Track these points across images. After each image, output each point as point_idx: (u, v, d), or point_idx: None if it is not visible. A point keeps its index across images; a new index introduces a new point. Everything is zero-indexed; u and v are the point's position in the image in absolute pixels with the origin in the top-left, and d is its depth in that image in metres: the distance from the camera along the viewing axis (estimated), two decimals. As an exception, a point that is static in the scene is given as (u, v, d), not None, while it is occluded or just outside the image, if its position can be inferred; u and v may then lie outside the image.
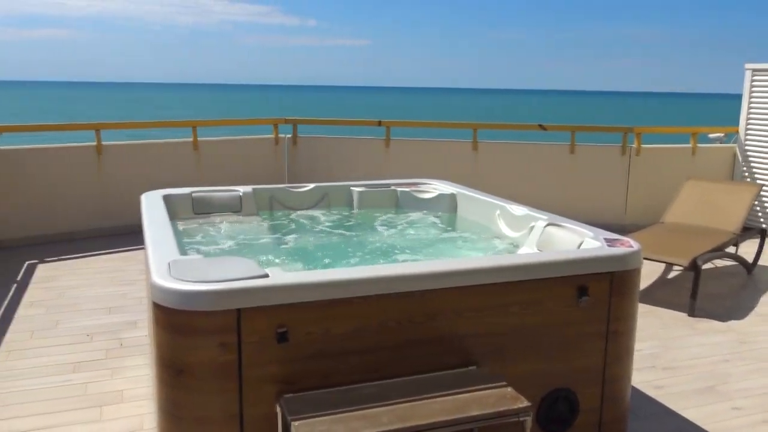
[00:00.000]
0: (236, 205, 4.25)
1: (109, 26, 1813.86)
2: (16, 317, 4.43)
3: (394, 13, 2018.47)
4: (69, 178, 6.48)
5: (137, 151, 6.88)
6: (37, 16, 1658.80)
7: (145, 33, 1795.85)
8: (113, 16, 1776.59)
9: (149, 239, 2.95)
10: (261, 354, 2.33)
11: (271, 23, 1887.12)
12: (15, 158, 6.22)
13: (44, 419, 3.12)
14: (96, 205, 6.62)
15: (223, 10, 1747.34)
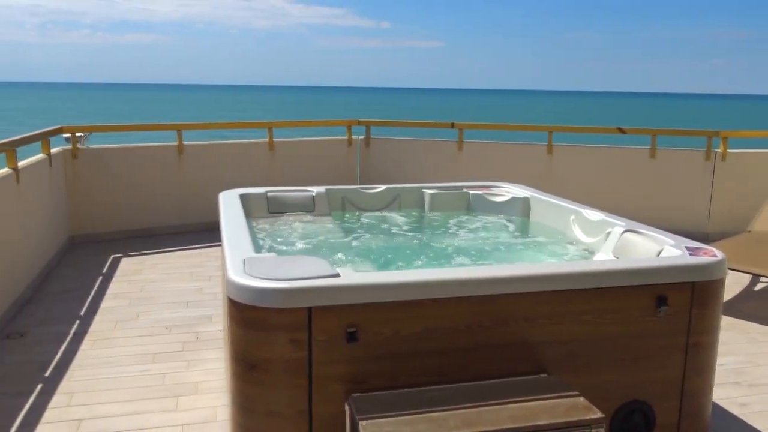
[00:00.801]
0: (309, 205, 4.32)
1: (190, 31, 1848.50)
2: (101, 308, 4.66)
3: (467, 14, 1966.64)
4: (152, 177, 6.75)
5: (216, 151, 7.10)
6: (126, 22, 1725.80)
7: (224, 37, 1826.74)
8: (195, 20, 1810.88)
9: (226, 237, 3.04)
10: (330, 352, 2.36)
11: (346, 25, 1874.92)
12: (103, 157, 6.54)
13: (125, 406, 3.27)
14: (176, 202, 6.87)
15: (299, 14, 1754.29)
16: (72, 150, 6.34)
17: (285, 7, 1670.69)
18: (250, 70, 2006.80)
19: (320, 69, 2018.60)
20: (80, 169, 6.40)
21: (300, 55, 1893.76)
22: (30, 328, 4.29)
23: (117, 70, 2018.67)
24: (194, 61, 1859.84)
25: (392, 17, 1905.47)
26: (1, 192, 4.51)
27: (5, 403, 3.28)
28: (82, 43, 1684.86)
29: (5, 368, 3.69)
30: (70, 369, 3.68)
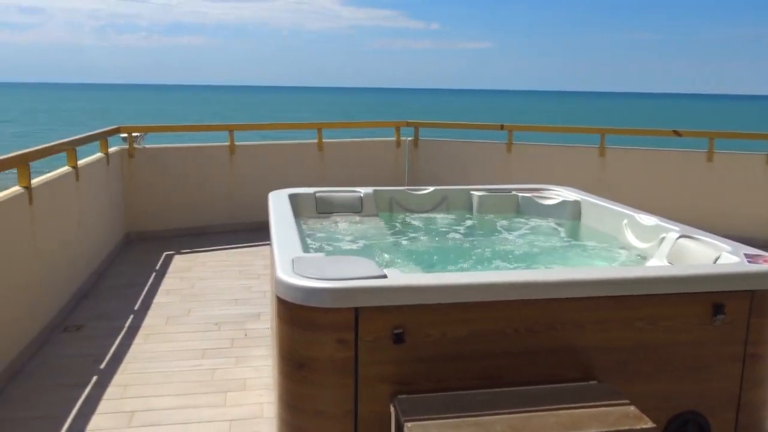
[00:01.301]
0: (357, 206, 4.34)
1: (242, 33, 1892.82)
2: (154, 304, 4.78)
3: (517, 15, 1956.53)
4: (204, 176, 6.90)
5: (266, 152, 7.20)
6: (180, 25, 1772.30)
7: (275, 39, 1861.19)
8: (246, 23, 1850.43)
9: (275, 236, 3.08)
10: (377, 353, 2.36)
11: (396, 27, 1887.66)
12: (158, 156, 6.71)
13: (176, 400, 3.34)
14: (227, 201, 7.00)
15: (350, 15, 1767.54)
16: (128, 149, 6.52)
17: (336, 9, 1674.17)
18: (300, 71, 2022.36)
19: (370, 71, 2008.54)
20: (136, 168, 6.59)
21: (350, 57, 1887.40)
22: (87, 321, 4.43)
23: (171, 72, 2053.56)
24: (246, 62, 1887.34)
25: (442, 19, 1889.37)
26: (62, 189, 4.67)
27: (63, 394, 3.39)
28: (138, 46, 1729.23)
29: (64, 360, 3.83)
30: (124, 362, 3.79)
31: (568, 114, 69.99)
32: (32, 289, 4.01)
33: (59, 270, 4.50)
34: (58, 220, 4.56)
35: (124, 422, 3.12)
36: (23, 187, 3.94)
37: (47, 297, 4.24)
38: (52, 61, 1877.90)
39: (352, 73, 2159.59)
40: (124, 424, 3.11)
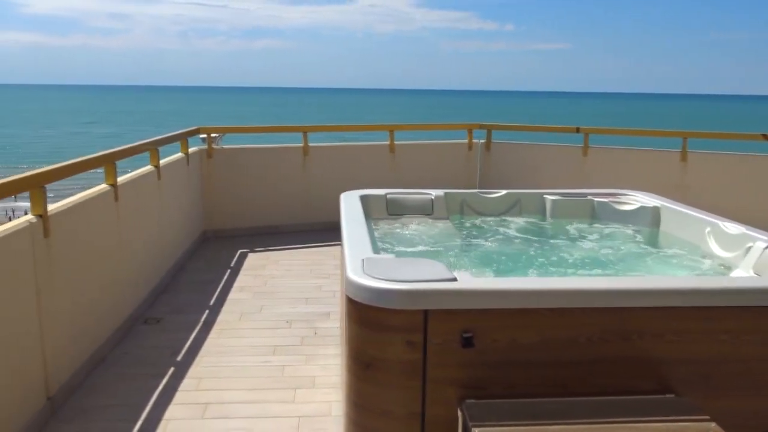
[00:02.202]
0: (428, 208, 4.33)
1: (317, 36, 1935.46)
2: (229, 300, 4.92)
3: (596, 15, 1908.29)
4: (278, 176, 7.05)
5: (339, 153, 7.29)
6: (257, 29, 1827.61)
7: (348, 41, 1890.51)
8: (321, 26, 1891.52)
9: (346, 236, 3.11)
10: (445, 356, 2.35)
11: (469, 29, 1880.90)
12: (234, 157, 6.90)
13: (248, 394, 3.43)
14: (300, 201, 7.12)
15: (423, 18, 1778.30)
16: (207, 150, 6.74)
17: (409, 12, 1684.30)
18: (373, 73, 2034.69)
19: (443, 72, 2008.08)
20: (214, 168, 6.80)
21: (423, 59, 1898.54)
22: (165, 315, 4.60)
23: (248, 75, 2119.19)
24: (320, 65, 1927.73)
25: (517, 20, 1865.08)
26: (145, 188, 4.88)
27: (143, 384, 3.54)
28: (217, 50, 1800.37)
29: (143, 351, 3.99)
30: (199, 355, 3.91)
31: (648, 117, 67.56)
32: (116, 282, 4.20)
33: (141, 265, 4.70)
34: (141, 217, 4.76)
35: (198, 413, 3.22)
36: (110, 185, 4.14)
37: (129, 290, 4.43)
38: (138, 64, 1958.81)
39: (425, 76, 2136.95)
40: (198, 415, 3.21)
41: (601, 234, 4.11)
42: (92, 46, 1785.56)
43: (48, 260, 3.22)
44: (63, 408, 3.28)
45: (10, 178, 3.02)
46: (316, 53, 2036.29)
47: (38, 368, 3.12)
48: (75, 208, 3.57)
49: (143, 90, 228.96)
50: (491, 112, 72.71)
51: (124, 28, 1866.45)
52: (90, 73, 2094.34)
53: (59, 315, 3.34)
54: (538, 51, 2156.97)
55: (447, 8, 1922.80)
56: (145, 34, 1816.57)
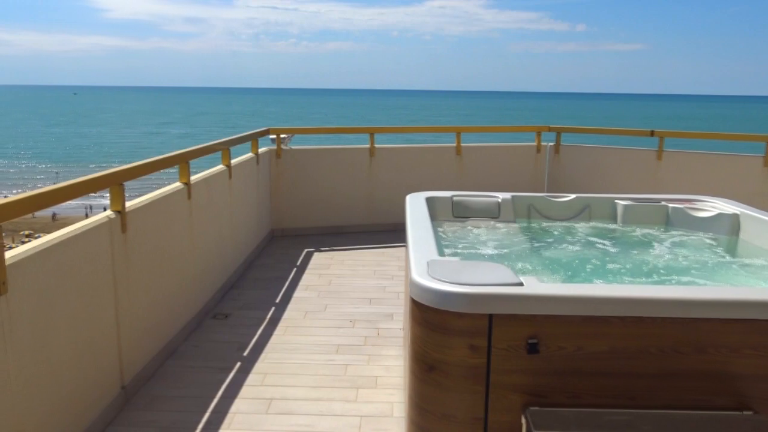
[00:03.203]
0: (494, 211, 4.28)
1: (386, 38, 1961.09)
2: (294, 298, 5.00)
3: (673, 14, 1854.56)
4: (345, 177, 7.12)
5: (405, 154, 7.31)
6: (327, 31, 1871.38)
7: (417, 43, 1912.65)
8: (390, 28, 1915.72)
9: (411, 238, 3.11)
10: (509, 362, 2.31)
11: (540, 30, 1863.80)
12: (302, 157, 7.02)
13: (311, 392, 3.47)
14: (365, 202, 7.18)
15: (493, 18, 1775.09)
16: (276, 150, 6.88)
17: (478, 13, 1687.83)
18: (442, 75, 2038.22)
19: (512, 74, 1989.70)
20: (282, 168, 6.93)
21: (492, 60, 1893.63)
22: (233, 310, 4.73)
23: (318, 77, 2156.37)
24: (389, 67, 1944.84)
25: (589, 20, 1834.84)
26: (217, 186, 5.02)
27: (211, 377, 3.64)
28: (288, 52, 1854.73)
29: (212, 345, 4.11)
30: (265, 351, 4.00)
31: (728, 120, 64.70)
32: (188, 277, 4.34)
33: (211, 261, 4.84)
34: (212, 215, 4.90)
35: (262, 408, 3.29)
36: (183, 183, 4.28)
37: (200, 286, 4.57)
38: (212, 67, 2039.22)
39: (494, 77, 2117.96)
40: (263, 410, 3.28)
41: (675, 241, 3.96)
42: (168, 49, 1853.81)
43: (125, 254, 3.35)
44: (136, 397, 3.41)
45: (93, 176, 3.16)
46: (385, 55, 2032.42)
47: (114, 358, 3.26)
48: (151, 206, 3.71)
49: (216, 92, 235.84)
50: (561, 114, 71.31)
51: (199, 31, 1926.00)
52: (166, 75, 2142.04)
53: (134, 307, 3.47)
54: (611, 52, 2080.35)
55: (517, 9, 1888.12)
56: (218, 38, 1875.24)
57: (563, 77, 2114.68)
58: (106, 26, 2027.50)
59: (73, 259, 2.88)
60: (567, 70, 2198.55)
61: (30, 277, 2.53)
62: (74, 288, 2.88)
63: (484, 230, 4.08)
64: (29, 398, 2.53)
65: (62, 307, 2.78)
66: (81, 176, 3.13)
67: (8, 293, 2.35)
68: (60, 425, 2.76)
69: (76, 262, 2.90)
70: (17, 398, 2.45)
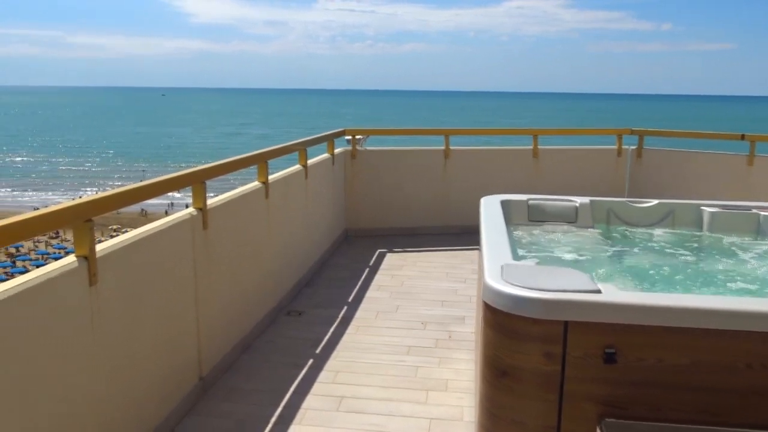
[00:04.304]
0: (571, 216, 4.18)
1: (461, 39, 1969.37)
2: (366, 297, 5.04)
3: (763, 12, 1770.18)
4: (419, 179, 7.12)
5: (480, 157, 7.24)
6: (403, 33, 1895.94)
7: (493, 44, 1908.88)
8: (466, 29, 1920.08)
9: (485, 241, 3.07)
10: (585, 371, 2.25)
11: (621, 29, 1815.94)
12: (377, 158, 7.07)
13: (381, 391, 3.49)
14: (439, 204, 7.15)
15: (572, 18, 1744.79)
16: (351, 151, 6.96)
17: (557, 12, 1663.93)
18: (518, 76, 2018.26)
19: (591, 75, 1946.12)
20: (357, 169, 7.00)
21: (570, 61, 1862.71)
22: (307, 308, 4.81)
23: (393, 78, 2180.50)
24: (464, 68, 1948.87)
25: (675, 19, 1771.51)
26: (293, 186, 5.13)
27: (284, 372, 3.72)
28: (363, 54, 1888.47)
29: (286, 341, 4.20)
30: (337, 349, 4.05)
31: (826, 124, 60.76)
32: (264, 274, 4.45)
33: (287, 259, 4.95)
34: (289, 214, 5.01)
35: (333, 406, 3.33)
36: (261, 183, 4.39)
37: (275, 283, 4.68)
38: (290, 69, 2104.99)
39: (572, 78, 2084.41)
40: (334, 407, 3.32)
41: (765, 252, 3.75)
42: (249, 52, 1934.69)
43: (205, 250, 3.47)
44: (213, 388, 3.52)
45: (176, 174, 3.29)
46: (460, 56, 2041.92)
47: (193, 349, 3.38)
48: (230, 204, 3.83)
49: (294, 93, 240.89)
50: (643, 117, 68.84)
51: (278, 34, 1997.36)
52: (246, 77, 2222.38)
53: (213, 301, 3.59)
54: (698, 52, 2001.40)
55: (599, 8, 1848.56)
56: (297, 40, 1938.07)
57: (645, 78, 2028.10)
58: (192, 30, 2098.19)
59: (158, 253, 3.00)
60: (649, 70, 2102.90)
61: (118, 269, 2.65)
62: (158, 281, 3.01)
63: (561, 235, 3.99)
64: (115, 386, 2.65)
65: (147, 298, 2.90)
66: (165, 174, 3.27)
67: (98, 284, 2.48)
68: (142, 413, 2.88)
69: (160, 257, 3.03)
70: (104, 386, 2.58)
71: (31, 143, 79.43)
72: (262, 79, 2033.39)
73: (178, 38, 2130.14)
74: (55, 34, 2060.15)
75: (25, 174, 58.19)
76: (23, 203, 44.41)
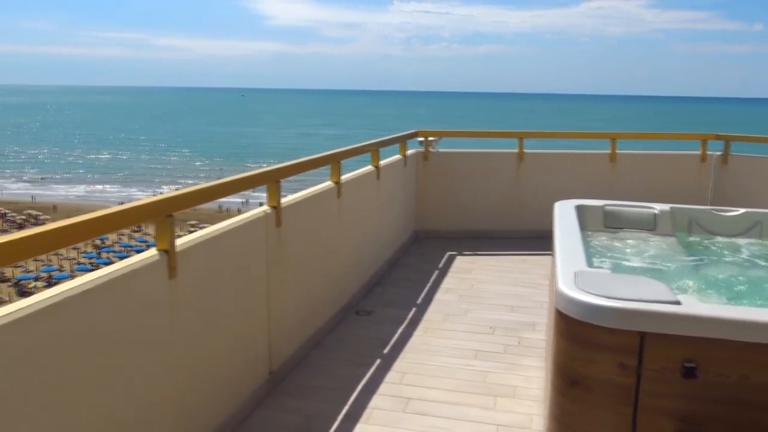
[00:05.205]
0: (650, 223, 4.03)
1: (539, 40, 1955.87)
2: (435, 300, 5.02)
3: None
4: (491, 181, 7.04)
5: (554, 160, 7.09)
6: (479, 34, 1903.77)
7: (573, 45, 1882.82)
8: (544, 30, 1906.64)
9: (558, 247, 3.01)
10: (662, 384, 2.16)
11: (709, 30, 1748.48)
12: (449, 160, 7.03)
13: (448, 395, 3.47)
14: (511, 208, 7.04)
15: (656, 19, 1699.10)
16: (424, 153, 6.95)
17: (640, 13, 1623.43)
18: (599, 78, 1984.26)
19: (676, 77, 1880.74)
20: (429, 171, 6.99)
21: (654, 63, 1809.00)
22: (376, 308, 4.84)
23: (468, 80, 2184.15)
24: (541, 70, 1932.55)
25: None
26: (365, 186, 5.17)
27: (351, 371, 3.76)
28: (438, 56, 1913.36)
29: (355, 339, 4.23)
30: (404, 351, 4.05)
31: None
32: (335, 273, 4.50)
33: (357, 258, 4.99)
34: (360, 214, 5.05)
35: (400, 407, 3.34)
36: (334, 183, 4.45)
37: (345, 282, 4.73)
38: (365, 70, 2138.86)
39: (654, 80, 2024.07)
40: (400, 408, 3.32)
41: None
42: (325, 53, 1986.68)
43: (278, 247, 3.55)
44: (282, 383, 3.59)
45: (252, 173, 3.38)
46: (537, 58, 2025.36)
47: (264, 344, 3.46)
48: (303, 203, 3.90)
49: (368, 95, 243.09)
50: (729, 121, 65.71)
51: (353, 36, 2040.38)
52: (321, 78, 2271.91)
53: (284, 297, 3.66)
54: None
55: (684, 8, 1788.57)
56: (372, 42, 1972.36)
57: (733, 80, 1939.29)
58: (271, 32, 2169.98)
59: (233, 249, 3.09)
60: (740, 72, 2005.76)
61: (196, 264, 2.75)
62: (232, 276, 3.09)
63: (639, 243, 3.86)
64: (191, 378, 2.75)
65: (222, 293, 2.99)
66: (241, 173, 3.36)
67: (177, 278, 2.57)
68: (216, 404, 2.97)
69: (235, 253, 3.12)
70: (181, 378, 2.67)
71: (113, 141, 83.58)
72: (337, 81, 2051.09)
73: (257, 40, 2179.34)
74: (142, 37, 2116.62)
75: (109, 171, 61.30)
76: (107, 198, 46.76)
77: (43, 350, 1.91)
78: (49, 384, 1.94)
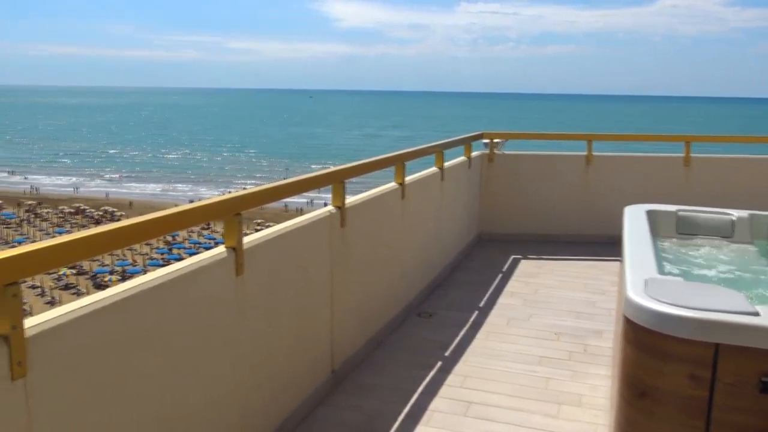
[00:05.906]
0: (727, 230, 3.86)
1: (610, 40, 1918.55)
2: (498, 303, 4.96)
3: None
4: (558, 185, 6.90)
5: (625, 164, 6.88)
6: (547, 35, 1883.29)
7: (645, 45, 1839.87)
8: (615, 30, 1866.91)
9: (628, 253, 2.92)
10: (738, 399, 2.06)
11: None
12: (515, 162, 6.93)
13: (510, 400, 3.42)
14: (578, 211, 6.88)
15: (734, 17, 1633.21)
16: (489, 155, 6.87)
17: (718, 11, 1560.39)
18: (672, 79, 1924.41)
19: (755, 77, 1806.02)
20: (494, 173, 6.91)
21: (731, 63, 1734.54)
22: (438, 310, 4.82)
23: (535, 81, 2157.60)
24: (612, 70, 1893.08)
25: None
26: (429, 187, 5.15)
27: (413, 372, 3.75)
28: (505, 57, 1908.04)
29: (416, 341, 4.23)
30: (466, 354, 4.01)
31: None
32: (397, 274, 4.51)
33: (420, 260, 4.98)
34: (423, 215, 5.04)
35: (461, 410, 3.31)
36: (398, 184, 4.45)
37: (408, 283, 4.72)
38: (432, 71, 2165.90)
39: (732, 81, 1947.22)
40: (461, 412, 3.29)
41: None
42: (391, 55, 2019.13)
43: (342, 247, 3.58)
44: (344, 381, 3.62)
45: (318, 173, 3.43)
46: (608, 58, 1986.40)
47: (327, 343, 3.50)
48: (367, 203, 3.92)
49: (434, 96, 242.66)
50: (817, 124, 62.33)
51: (419, 37, 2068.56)
52: (388, 80, 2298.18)
53: (347, 297, 3.69)
54: None
55: (765, 5, 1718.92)
56: (438, 43, 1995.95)
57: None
58: (338, 35, 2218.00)
59: (298, 248, 3.14)
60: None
61: (262, 262, 2.80)
62: (297, 274, 3.14)
63: (714, 250, 3.70)
64: (256, 375, 2.80)
65: (286, 290, 3.04)
66: (307, 173, 3.41)
67: (244, 275, 2.63)
68: (279, 401, 3.03)
69: (300, 252, 3.16)
70: (246, 377, 2.73)
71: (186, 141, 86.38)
72: (403, 82, 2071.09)
73: (325, 42, 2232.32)
74: (215, 40, 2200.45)
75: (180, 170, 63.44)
76: (177, 197, 48.38)
77: (115, 343, 1.99)
78: (118, 375, 2.01)
